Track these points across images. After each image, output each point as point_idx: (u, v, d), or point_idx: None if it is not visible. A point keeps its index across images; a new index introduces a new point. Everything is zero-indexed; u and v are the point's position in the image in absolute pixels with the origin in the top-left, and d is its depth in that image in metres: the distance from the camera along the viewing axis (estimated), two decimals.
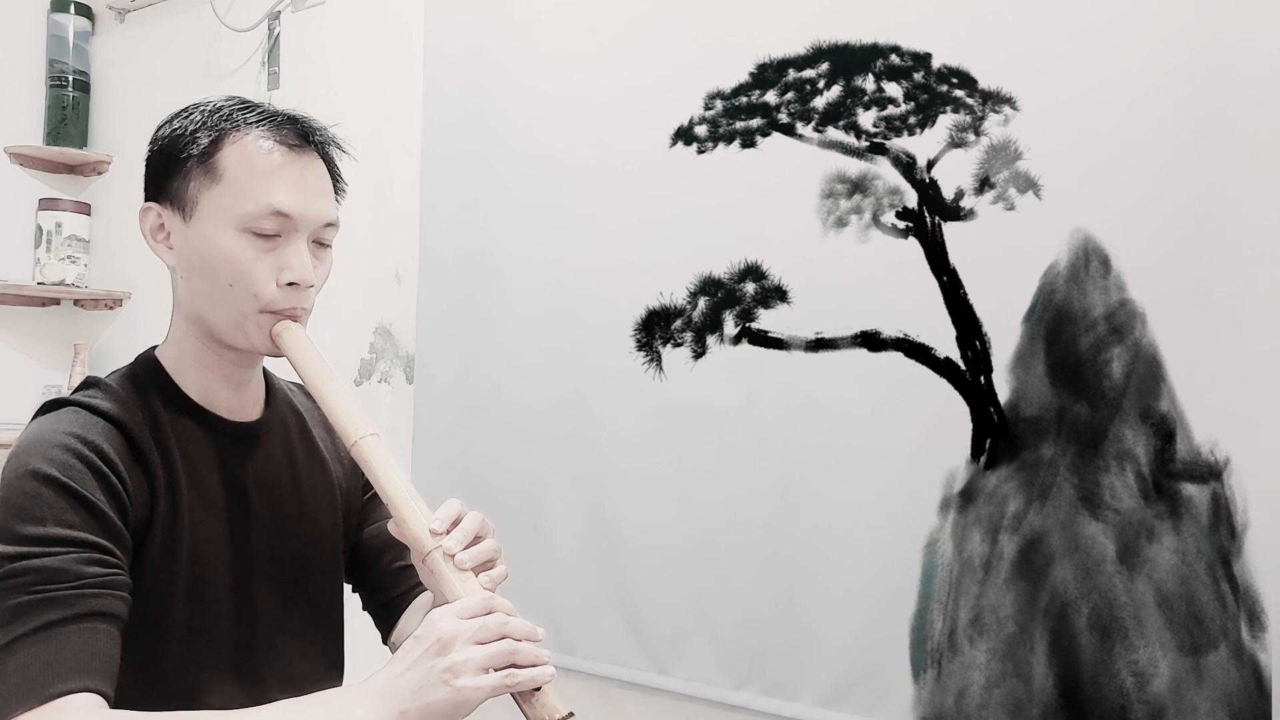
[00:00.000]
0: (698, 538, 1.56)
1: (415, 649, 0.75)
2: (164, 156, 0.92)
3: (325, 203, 0.94)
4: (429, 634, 0.75)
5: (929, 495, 1.37)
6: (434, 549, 0.83)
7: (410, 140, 1.97)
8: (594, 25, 1.70)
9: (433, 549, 0.83)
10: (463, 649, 0.74)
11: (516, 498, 1.74)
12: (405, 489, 0.86)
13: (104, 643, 0.78)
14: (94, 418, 0.86)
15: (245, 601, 0.93)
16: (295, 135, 0.92)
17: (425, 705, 0.73)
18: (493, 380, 1.80)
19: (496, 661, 0.74)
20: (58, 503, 0.79)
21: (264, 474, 0.97)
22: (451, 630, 0.75)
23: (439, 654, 0.74)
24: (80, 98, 2.59)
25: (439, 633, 0.75)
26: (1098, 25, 1.27)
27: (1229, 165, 1.19)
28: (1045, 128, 1.30)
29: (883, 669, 1.40)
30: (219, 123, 0.91)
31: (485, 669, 0.74)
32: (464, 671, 0.73)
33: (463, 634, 0.75)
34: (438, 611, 0.77)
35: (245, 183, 0.89)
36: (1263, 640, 1.17)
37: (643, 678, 1.62)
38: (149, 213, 0.94)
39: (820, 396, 1.46)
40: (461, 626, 0.75)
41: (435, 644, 0.75)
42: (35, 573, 0.77)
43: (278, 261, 0.90)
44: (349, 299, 2.04)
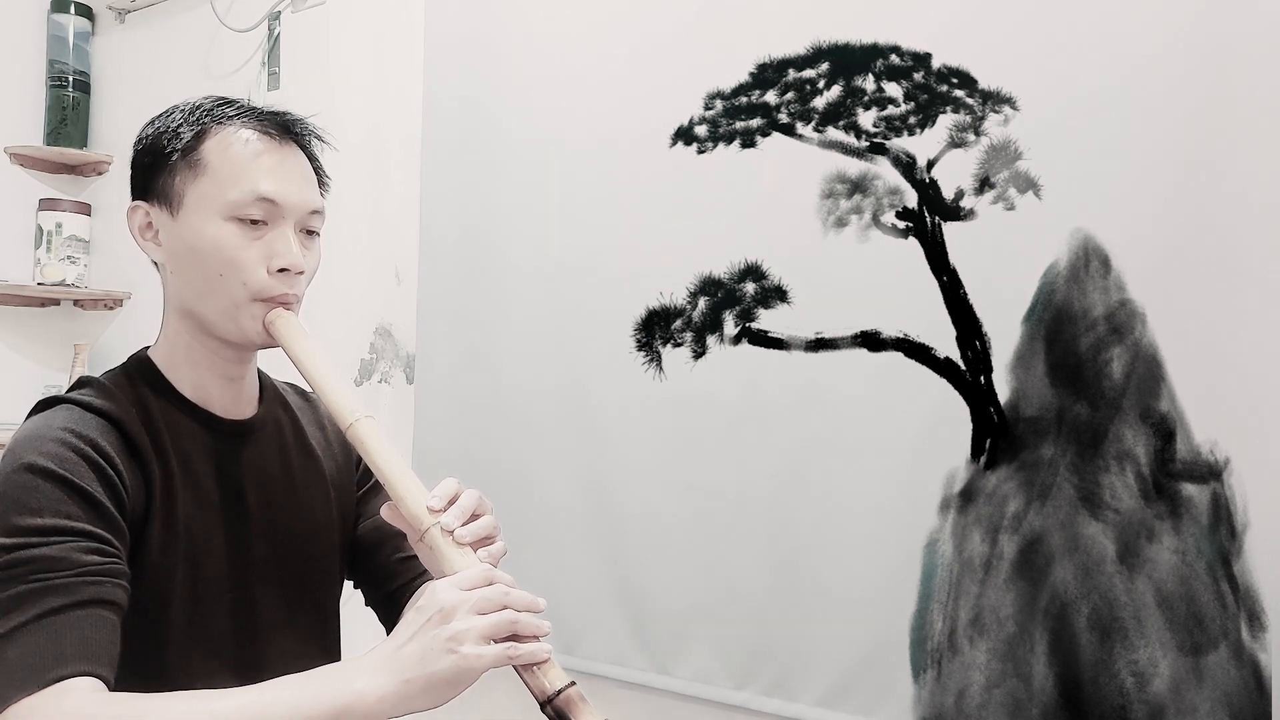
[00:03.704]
0: (699, 537, 1.56)
1: (417, 620, 0.75)
2: (148, 155, 0.93)
3: (309, 190, 0.95)
4: (430, 604, 0.75)
5: (929, 495, 1.37)
6: (432, 525, 0.83)
7: (410, 140, 1.97)
8: (593, 25, 1.70)
9: (430, 525, 0.83)
10: (465, 618, 0.74)
11: (517, 497, 1.74)
12: (401, 469, 0.86)
13: (104, 629, 0.78)
14: (88, 414, 0.86)
15: (242, 597, 0.93)
16: (275, 126, 0.94)
17: (429, 674, 0.73)
18: (493, 381, 1.80)
19: (498, 631, 0.75)
20: (55, 494, 0.79)
21: (259, 470, 0.98)
22: (453, 600, 0.75)
23: (441, 623, 0.74)
24: (80, 98, 2.59)
25: (441, 603, 0.75)
26: (1098, 25, 1.27)
27: (1229, 165, 1.19)
28: (1045, 128, 1.30)
29: (883, 669, 1.40)
30: (201, 118, 0.92)
31: (488, 638, 0.74)
32: (467, 640, 0.73)
33: (464, 604, 0.75)
34: (438, 583, 0.77)
35: (230, 171, 0.90)
36: (1263, 640, 1.17)
37: (643, 677, 1.62)
38: (137, 211, 0.94)
39: (820, 397, 1.46)
40: (463, 597, 0.75)
41: (437, 614, 0.75)
42: (34, 562, 0.77)
43: (266, 249, 0.90)
44: (349, 299, 2.04)
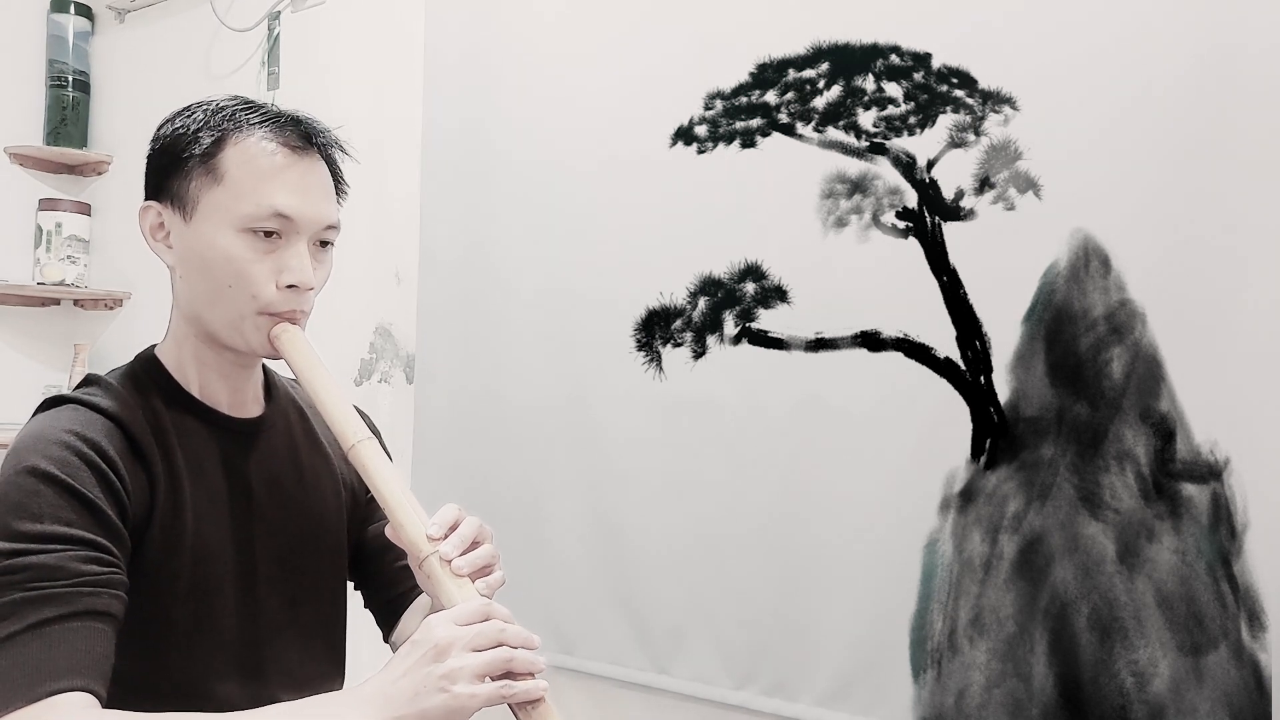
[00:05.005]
0: (698, 537, 1.56)
1: (412, 654, 0.75)
2: (165, 155, 0.91)
3: (327, 205, 0.93)
4: (425, 639, 0.75)
5: (929, 495, 1.37)
6: (430, 554, 0.82)
7: (410, 140, 1.97)
8: (594, 25, 1.70)
9: (429, 554, 0.82)
10: (459, 655, 0.74)
11: (516, 497, 1.74)
12: (402, 494, 0.86)
13: (98, 641, 0.77)
14: (93, 415, 0.86)
15: (248, 598, 0.93)
16: (298, 137, 0.92)
17: (420, 711, 0.72)
18: (493, 380, 1.80)
19: (493, 669, 0.74)
20: (56, 500, 0.79)
21: (267, 470, 0.97)
22: (448, 636, 0.75)
23: (435, 660, 0.74)
24: (80, 98, 2.59)
25: (435, 639, 0.75)
26: (1097, 25, 1.27)
27: (1229, 165, 1.19)
28: (1045, 128, 1.30)
29: (883, 669, 1.40)
30: (221, 122, 0.90)
31: (481, 676, 0.74)
32: (460, 678, 0.73)
33: (459, 640, 0.74)
34: (434, 617, 0.77)
35: (247, 184, 0.88)
36: (1263, 640, 1.17)
37: (643, 678, 1.62)
38: (149, 211, 0.93)
39: (820, 397, 1.46)
40: (458, 633, 0.75)
41: (432, 650, 0.74)
42: (31, 569, 0.76)
43: (278, 263, 0.89)
44: (349, 299, 2.04)
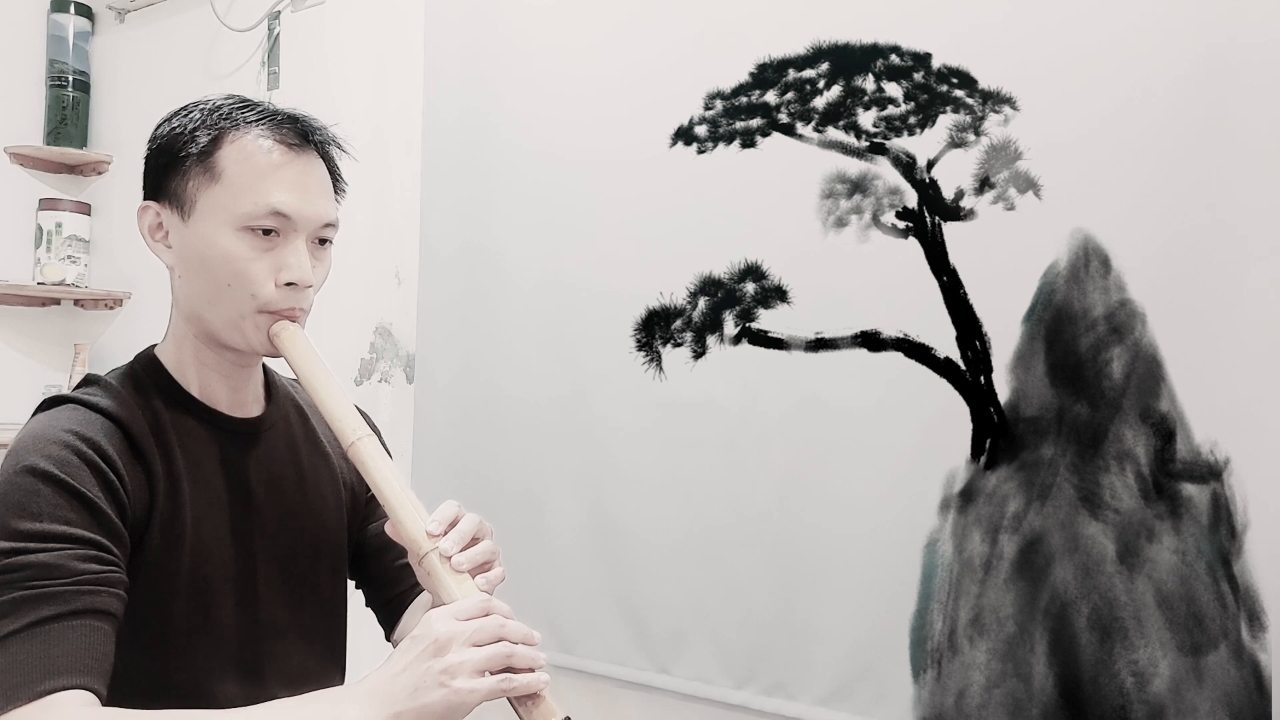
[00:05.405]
0: (698, 537, 1.56)
1: (412, 650, 0.75)
2: (163, 155, 0.92)
3: (325, 203, 0.93)
4: (425, 635, 0.75)
5: (929, 495, 1.37)
6: (430, 551, 0.83)
7: (410, 139, 1.97)
8: (593, 24, 1.70)
9: (429, 551, 0.83)
10: (459, 650, 0.74)
11: (516, 496, 1.74)
12: (402, 491, 0.86)
13: (98, 640, 0.77)
14: (93, 415, 0.86)
15: (248, 598, 0.93)
16: (295, 134, 0.92)
17: (420, 706, 0.73)
18: (493, 379, 1.80)
19: (493, 664, 0.74)
20: (55, 499, 0.79)
21: (267, 470, 0.97)
22: (448, 631, 0.75)
23: (435, 655, 0.74)
24: (80, 98, 2.59)
25: (435, 634, 0.75)
26: (1097, 25, 1.27)
27: (1228, 165, 1.19)
28: (1045, 128, 1.30)
29: (883, 669, 1.40)
30: (218, 121, 0.90)
31: (482, 671, 0.74)
32: (460, 673, 0.73)
33: (459, 635, 0.75)
34: (435, 613, 0.77)
35: (244, 182, 0.88)
36: (1263, 640, 1.17)
37: (643, 677, 1.62)
38: (147, 211, 0.93)
39: (820, 396, 1.46)
40: (458, 628, 0.75)
41: (432, 645, 0.74)
42: (31, 568, 0.76)
43: (276, 261, 0.89)
44: (349, 299, 2.04)
